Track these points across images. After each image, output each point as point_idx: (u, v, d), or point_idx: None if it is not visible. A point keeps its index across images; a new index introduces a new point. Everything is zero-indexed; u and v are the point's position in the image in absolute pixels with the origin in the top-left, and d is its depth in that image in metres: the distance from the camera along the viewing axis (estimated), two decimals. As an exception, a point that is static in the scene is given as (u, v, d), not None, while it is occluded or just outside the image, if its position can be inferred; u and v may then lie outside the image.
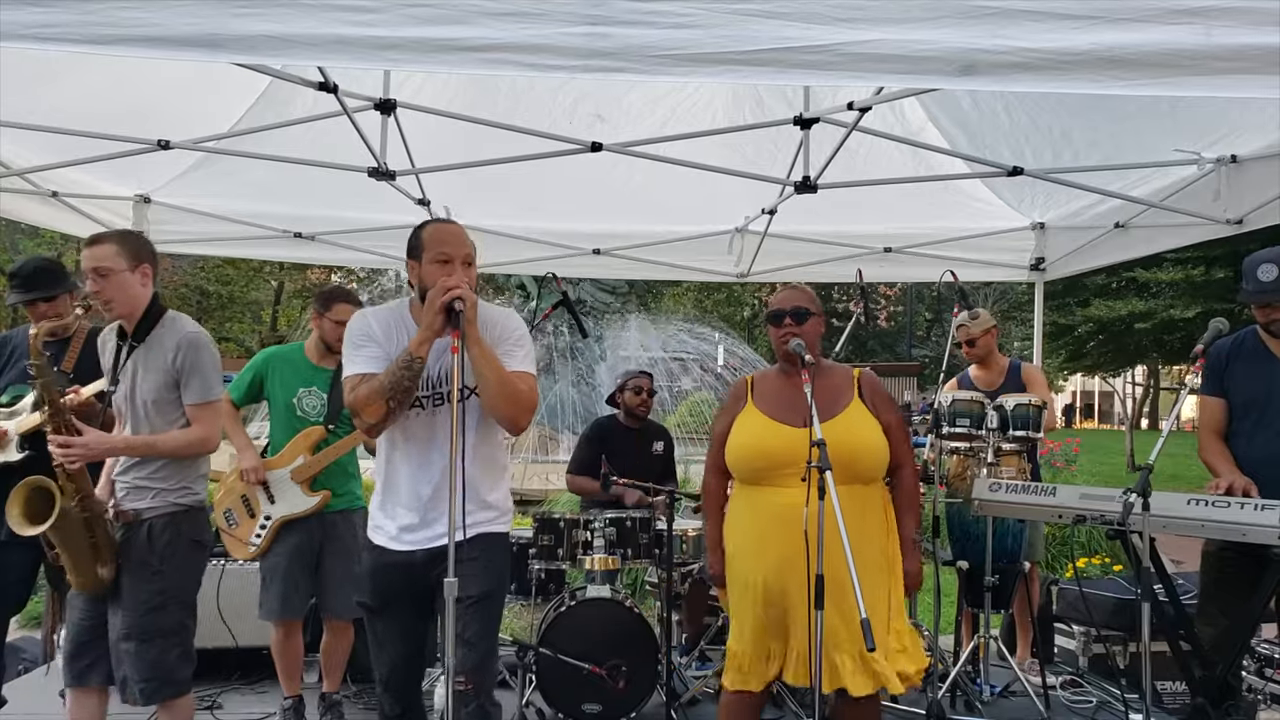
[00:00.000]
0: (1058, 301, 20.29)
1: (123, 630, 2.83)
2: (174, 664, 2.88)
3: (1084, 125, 3.95)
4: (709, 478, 3.11)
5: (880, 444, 2.87)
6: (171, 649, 2.88)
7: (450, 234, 2.59)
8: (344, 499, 3.87)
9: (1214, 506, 2.80)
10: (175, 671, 2.89)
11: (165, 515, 2.90)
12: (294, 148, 4.11)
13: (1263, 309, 3.10)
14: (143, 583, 2.85)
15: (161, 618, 2.86)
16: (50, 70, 3.54)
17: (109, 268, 2.84)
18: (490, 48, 1.92)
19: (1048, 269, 5.55)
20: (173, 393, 2.90)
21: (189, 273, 26.10)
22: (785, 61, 1.95)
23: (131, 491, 2.90)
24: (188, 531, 2.96)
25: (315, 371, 3.88)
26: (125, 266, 2.87)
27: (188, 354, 2.90)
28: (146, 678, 2.82)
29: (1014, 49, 1.92)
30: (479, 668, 2.54)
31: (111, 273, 2.84)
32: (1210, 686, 2.84)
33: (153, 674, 2.83)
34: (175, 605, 2.92)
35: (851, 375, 3.00)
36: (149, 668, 2.82)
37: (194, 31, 1.87)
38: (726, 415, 3.05)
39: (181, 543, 2.93)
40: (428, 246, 2.55)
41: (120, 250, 2.87)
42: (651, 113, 4.19)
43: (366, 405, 2.46)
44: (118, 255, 2.86)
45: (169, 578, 2.89)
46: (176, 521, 2.93)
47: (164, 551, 2.88)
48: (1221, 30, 1.89)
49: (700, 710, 4.18)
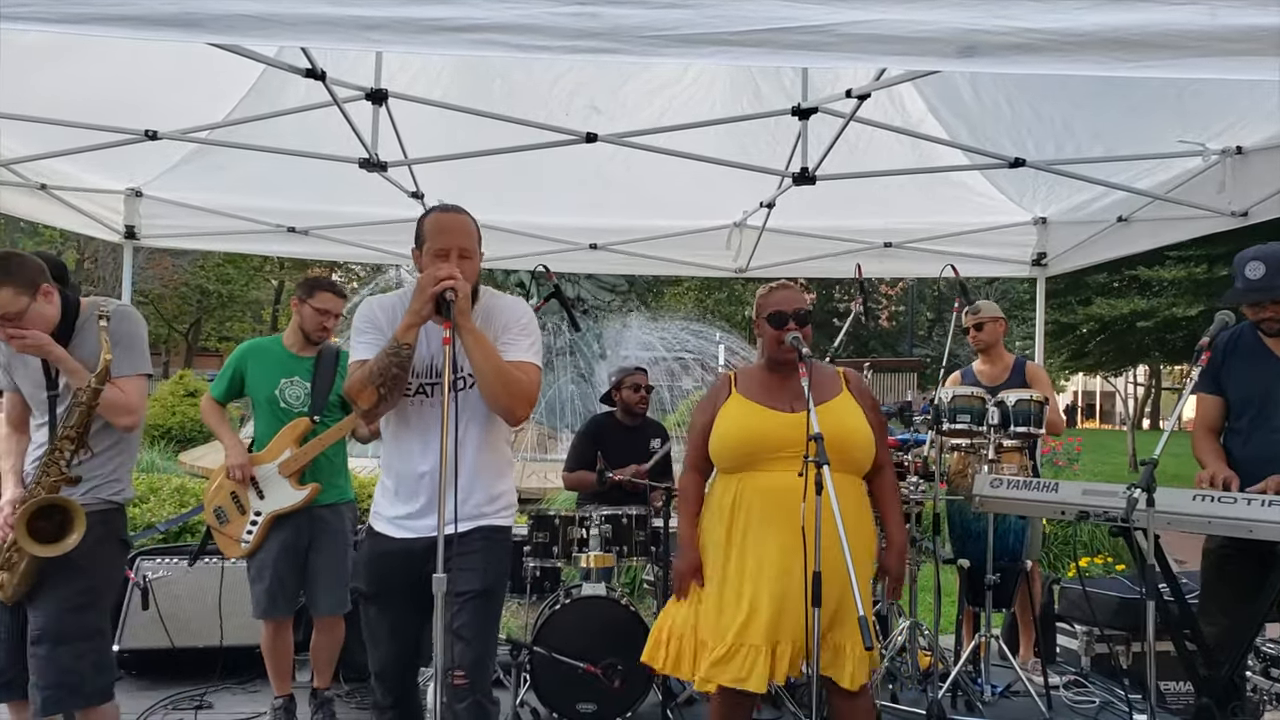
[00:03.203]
0: (1059, 300, 20.22)
1: (35, 633, 2.66)
2: (86, 671, 2.70)
3: (1087, 116, 3.90)
4: (687, 476, 3.03)
5: (868, 434, 2.85)
6: (86, 654, 2.70)
7: (450, 224, 2.55)
8: (332, 492, 3.81)
9: (1220, 503, 2.74)
10: (86, 681, 2.70)
11: (96, 512, 2.75)
12: (286, 140, 4.06)
13: (1253, 308, 3.04)
14: (64, 581, 2.68)
15: (81, 619, 2.71)
16: (38, 58, 3.48)
17: (15, 311, 2.60)
18: (477, 28, 1.87)
19: (1050, 264, 5.49)
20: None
21: (189, 272, 26.11)
22: (780, 42, 1.90)
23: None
24: (117, 530, 2.85)
25: (295, 361, 3.82)
26: (25, 303, 2.63)
27: (119, 326, 2.78)
28: (53, 684, 2.64)
29: (1016, 29, 1.88)
30: (476, 664, 2.50)
31: (19, 315, 2.62)
32: (1215, 686, 2.79)
33: (61, 680, 2.65)
34: (96, 607, 2.77)
35: (837, 373, 2.99)
36: (58, 673, 2.64)
37: (171, 11, 1.82)
38: (707, 409, 2.98)
39: (111, 542, 2.82)
40: (428, 237, 2.53)
41: (16, 290, 2.61)
42: (648, 104, 4.14)
43: (360, 391, 2.45)
44: (15, 296, 2.60)
45: (93, 576, 2.75)
46: (107, 519, 2.80)
47: (93, 549, 2.69)
48: (1227, 11, 1.85)
49: (696, 710, 4.13)
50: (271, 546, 3.70)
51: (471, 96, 3.87)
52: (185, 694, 4.20)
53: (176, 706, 4.10)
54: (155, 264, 24.18)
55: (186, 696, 4.18)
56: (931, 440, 4.30)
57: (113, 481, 2.84)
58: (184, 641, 4.32)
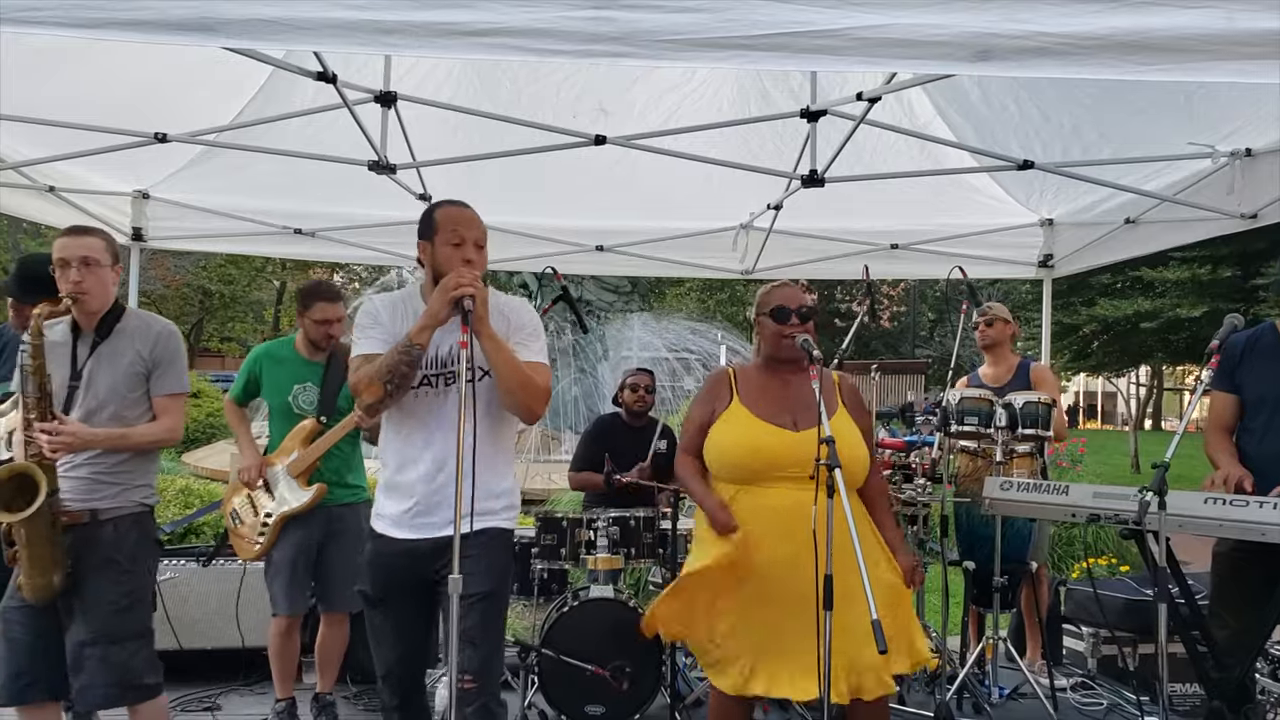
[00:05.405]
0: (1063, 301, 20.20)
1: (87, 635, 2.74)
2: (140, 667, 2.82)
3: (1095, 119, 3.90)
4: (683, 457, 2.97)
5: (864, 451, 2.83)
6: (139, 651, 2.82)
7: (464, 216, 2.57)
8: (349, 492, 3.83)
9: (1232, 505, 2.73)
10: (142, 675, 2.82)
11: (131, 515, 2.86)
12: (294, 142, 4.07)
13: None
14: (110, 583, 2.78)
15: (130, 619, 2.81)
16: (47, 62, 3.50)
17: (97, 259, 2.81)
18: (492, 31, 1.87)
19: (1056, 265, 5.49)
20: (138, 388, 2.86)
21: (191, 272, 26.10)
22: (794, 46, 1.90)
23: (85, 487, 2.80)
24: (151, 531, 2.94)
25: (307, 366, 3.83)
26: (109, 263, 2.85)
27: (169, 343, 2.90)
28: (111, 682, 2.75)
29: (1030, 33, 1.87)
30: (484, 666, 2.49)
31: (99, 265, 2.82)
32: (1226, 689, 2.78)
33: (119, 678, 2.76)
34: (141, 606, 2.87)
35: (833, 379, 2.96)
36: (116, 671, 2.75)
37: (186, 15, 1.82)
38: (706, 404, 2.94)
39: (148, 543, 2.91)
40: (440, 228, 2.54)
41: (107, 246, 2.87)
42: (656, 106, 4.14)
43: (366, 387, 2.45)
44: (105, 250, 2.85)
45: (137, 578, 2.85)
46: (142, 521, 2.89)
47: (133, 551, 2.84)
48: (1244, 15, 1.85)
49: (704, 712, 4.12)
50: (286, 546, 3.71)
51: (480, 99, 3.88)
52: (194, 695, 4.20)
53: (186, 709, 4.10)
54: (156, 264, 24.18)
55: (195, 699, 4.18)
56: (939, 441, 4.30)
57: (143, 485, 2.91)
58: (191, 643, 4.32)
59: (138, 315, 2.96)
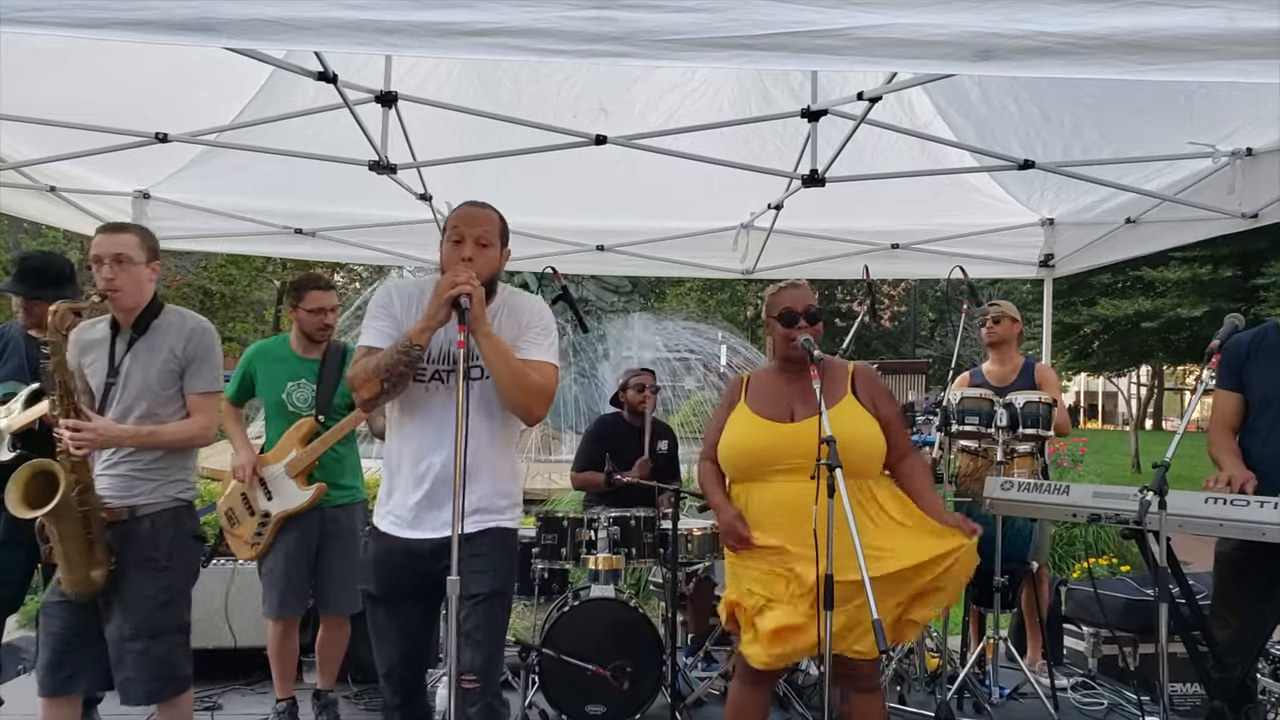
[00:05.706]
0: (1063, 301, 20.18)
1: (129, 630, 2.78)
2: (179, 661, 2.87)
3: (1096, 119, 3.89)
4: (703, 464, 3.06)
5: (871, 435, 2.82)
6: (178, 646, 2.87)
7: (469, 214, 2.58)
8: (346, 493, 3.82)
9: (1233, 505, 2.73)
10: (180, 668, 2.88)
11: (168, 510, 2.88)
12: (294, 142, 4.06)
13: None
14: (149, 579, 2.81)
15: (169, 614, 2.85)
16: (47, 62, 3.49)
17: (130, 256, 2.82)
18: (492, 31, 1.87)
19: (1057, 265, 5.49)
20: (171, 385, 2.87)
21: (192, 272, 26.06)
22: (795, 46, 1.89)
23: (123, 484, 2.84)
24: (190, 526, 2.96)
25: (301, 363, 3.83)
26: (143, 260, 2.86)
27: (202, 340, 2.92)
28: (153, 677, 2.80)
29: (1032, 33, 1.87)
30: (487, 666, 2.49)
31: (131, 263, 2.83)
32: (1228, 688, 2.78)
33: (160, 672, 2.81)
34: (180, 601, 2.91)
35: (846, 369, 2.97)
36: (157, 665, 2.79)
37: (188, 15, 1.81)
38: (723, 410, 3.04)
39: (185, 538, 2.93)
40: (447, 227, 2.58)
41: (141, 243, 2.87)
42: (657, 106, 4.14)
43: (364, 383, 2.45)
44: (139, 247, 2.86)
45: (176, 573, 2.88)
46: (179, 517, 2.91)
47: (171, 547, 2.86)
48: (1244, 14, 1.84)
49: (706, 712, 4.13)
50: (282, 547, 3.71)
51: (480, 99, 3.88)
52: (194, 695, 4.19)
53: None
54: (157, 264, 24.16)
55: (196, 698, 4.17)
56: (940, 441, 4.30)
57: (179, 480, 2.93)
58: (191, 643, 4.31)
59: (175, 312, 2.97)
